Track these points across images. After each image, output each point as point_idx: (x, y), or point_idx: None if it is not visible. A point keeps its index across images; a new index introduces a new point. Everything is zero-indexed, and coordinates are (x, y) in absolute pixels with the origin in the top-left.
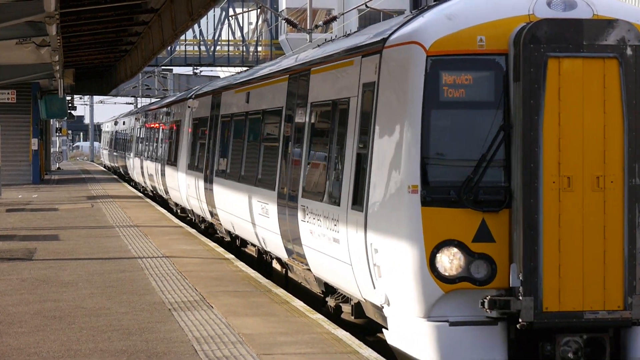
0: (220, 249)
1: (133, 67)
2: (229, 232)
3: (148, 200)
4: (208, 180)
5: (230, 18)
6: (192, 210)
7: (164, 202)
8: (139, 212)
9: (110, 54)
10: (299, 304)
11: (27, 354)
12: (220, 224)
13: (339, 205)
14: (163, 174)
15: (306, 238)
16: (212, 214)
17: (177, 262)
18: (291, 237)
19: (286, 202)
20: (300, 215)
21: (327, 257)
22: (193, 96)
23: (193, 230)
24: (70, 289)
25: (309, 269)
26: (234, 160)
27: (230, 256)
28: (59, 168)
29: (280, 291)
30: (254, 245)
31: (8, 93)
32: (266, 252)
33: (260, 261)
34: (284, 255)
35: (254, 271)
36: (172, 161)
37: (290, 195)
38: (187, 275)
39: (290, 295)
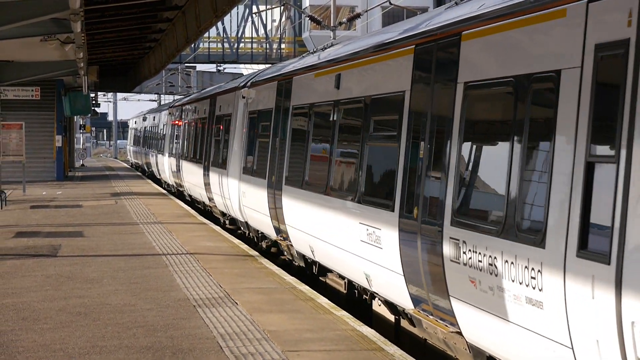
0: (245, 246)
1: (157, 64)
2: (303, 257)
3: (172, 197)
4: (273, 189)
5: (253, 15)
6: (248, 223)
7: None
8: (163, 209)
9: (134, 51)
10: (324, 301)
11: (52, 350)
12: (291, 244)
13: (542, 246)
14: (206, 177)
15: (458, 288)
16: (278, 230)
17: (201, 258)
18: (426, 281)
19: (419, 229)
20: (447, 251)
21: (505, 324)
22: (248, 84)
23: (217, 227)
24: (95, 286)
25: (459, 333)
26: (317, 166)
27: (255, 253)
28: (82, 165)
29: (305, 288)
30: (343, 278)
31: (32, 90)
32: (366, 291)
33: (351, 298)
34: (407, 304)
35: (278, 268)
36: (220, 163)
37: (427, 219)
38: (211, 272)
39: (315, 293)
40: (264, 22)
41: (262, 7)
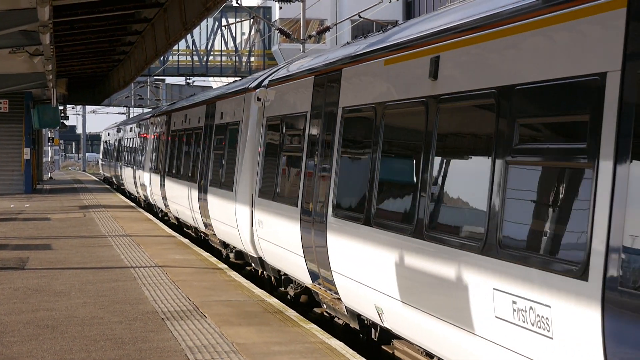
0: (213, 259)
1: (126, 76)
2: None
3: (140, 209)
4: (319, 224)
5: (222, 28)
6: (264, 260)
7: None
8: (132, 222)
9: (103, 64)
10: (292, 313)
11: None
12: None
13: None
14: (203, 200)
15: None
16: (316, 275)
17: (170, 271)
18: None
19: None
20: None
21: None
22: (266, 83)
23: (186, 240)
24: (63, 298)
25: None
26: (393, 193)
27: (223, 266)
28: (51, 177)
29: (274, 301)
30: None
31: (1, 102)
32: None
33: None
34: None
35: (247, 281)
36: (225, 185)
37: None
38: (180, 284)
39: (284, 305)
40: (233, 35)
41: (231, 20)
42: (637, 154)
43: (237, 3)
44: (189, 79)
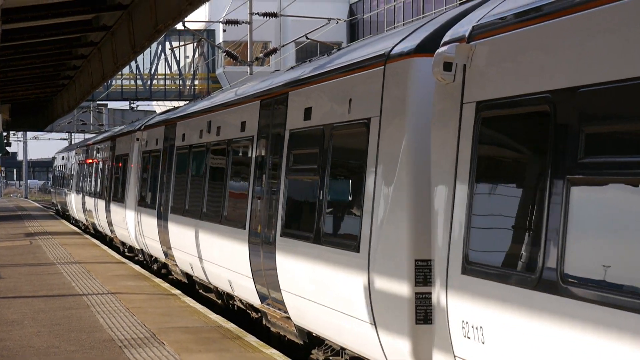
0: (166, 285)
1: (71, 101)
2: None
3: (87, 236)
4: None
5: (166, 52)
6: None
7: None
8: (81, 249)
9: (48, 89)
10: (252, 339)
11: None
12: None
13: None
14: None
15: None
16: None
17: (123, 298)
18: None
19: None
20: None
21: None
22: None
23: (137, 267)
24: (16, 328)
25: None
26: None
27: (177, 292)
28: None
29: (232, 326)
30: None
31: None
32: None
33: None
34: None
35: (202, 306)
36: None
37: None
38: (134, 311)
39: (243, 331)
40: (177, 59)
41: (175, 44)
42: None
43: (183, 26)
44: (133, 103)
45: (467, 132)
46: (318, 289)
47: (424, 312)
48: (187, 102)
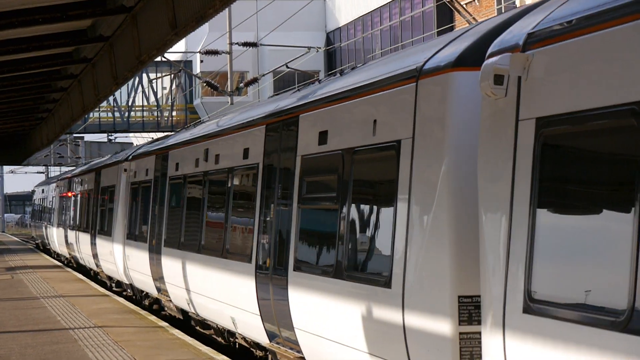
0: (153, 317)
1: (50, 134)
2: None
3: (69, 270)
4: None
5: (143, 83)
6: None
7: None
8: (64, 283)
9: (26, 122)
10: None
11: None
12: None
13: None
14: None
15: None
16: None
17: (110, 331)
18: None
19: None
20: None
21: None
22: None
23: (121, 299)
24: None
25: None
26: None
27: (164, 324)
28: None
29: (223, 358)
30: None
31: None
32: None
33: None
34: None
35: (191, 338)
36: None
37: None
38: (123, 345)
39: None
40: (155, 90)
41: (152, 75)
42: None
43: (161, 57)
44: (111, 135)
45: (525, 153)
46: (339, 328)
47: (469, 354)
48: (169, 133)
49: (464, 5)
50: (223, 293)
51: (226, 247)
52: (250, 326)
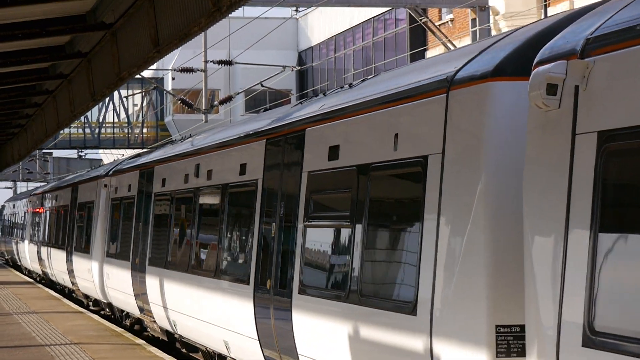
0: (129, 335)
1: (22, 150)
2: None
3: (41, 286)
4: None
5: (114, 100)
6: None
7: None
8: (36, 299)
9: None
10: None
11: None
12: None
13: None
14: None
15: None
16: None
17: (87, 348)
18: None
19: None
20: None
21: None
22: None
23: (96, 316)
24: None
25: None
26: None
27: (141, 342)
28: None
29: None
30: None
31: None
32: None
33: None
34: None
35: (169, 356)
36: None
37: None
38: None
39: None
40: (125, 107)
41: (123, 92)
42: None
43: (140, 75)
44: (81, 151)
45: (584, 170)
46: (351, 355)
47: None
48: (140, 150)
49: (438, 26)
50: (216, 315)
51: (220, 267)
52: (246, 351)
